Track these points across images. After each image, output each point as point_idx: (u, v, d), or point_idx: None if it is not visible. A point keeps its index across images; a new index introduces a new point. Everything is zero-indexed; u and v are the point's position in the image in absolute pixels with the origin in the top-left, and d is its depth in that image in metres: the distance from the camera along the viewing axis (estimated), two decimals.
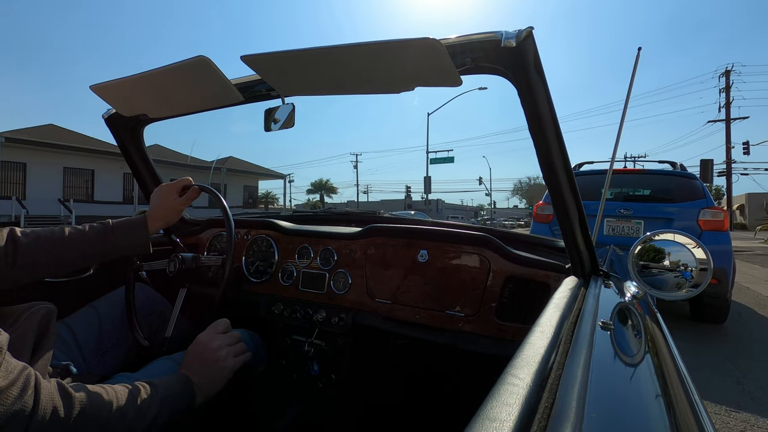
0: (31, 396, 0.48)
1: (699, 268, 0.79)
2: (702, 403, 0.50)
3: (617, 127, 1.12)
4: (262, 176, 25.85)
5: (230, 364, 0.80)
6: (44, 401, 0.49)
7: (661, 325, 0.80)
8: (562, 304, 0.60)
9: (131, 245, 0.89)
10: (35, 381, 0.50)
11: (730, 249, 3.30)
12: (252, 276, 1.30)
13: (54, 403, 0.51)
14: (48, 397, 0.50)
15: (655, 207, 3.65)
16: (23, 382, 0.48)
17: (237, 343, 0.84)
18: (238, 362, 0.82)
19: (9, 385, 0.46)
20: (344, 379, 1.15)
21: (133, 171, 1.29)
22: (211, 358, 0.78)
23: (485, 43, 0.61)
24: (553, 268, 0.96)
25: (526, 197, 46.09)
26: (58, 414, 0.50)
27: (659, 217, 3.55)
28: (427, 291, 1.07)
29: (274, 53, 0.68)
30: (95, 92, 0.92)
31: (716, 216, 3.33)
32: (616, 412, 0.38)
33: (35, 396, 0.49)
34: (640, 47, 1.11)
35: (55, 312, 0.68)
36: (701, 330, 3.45)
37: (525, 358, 0.39)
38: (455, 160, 20.27)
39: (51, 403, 0.50)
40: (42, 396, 0.49)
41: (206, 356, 0.78)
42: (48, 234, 0.80)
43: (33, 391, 0.49)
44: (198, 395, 0.72)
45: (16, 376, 0.48)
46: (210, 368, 0.77)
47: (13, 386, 0.47)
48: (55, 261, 0.80)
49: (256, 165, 24.91)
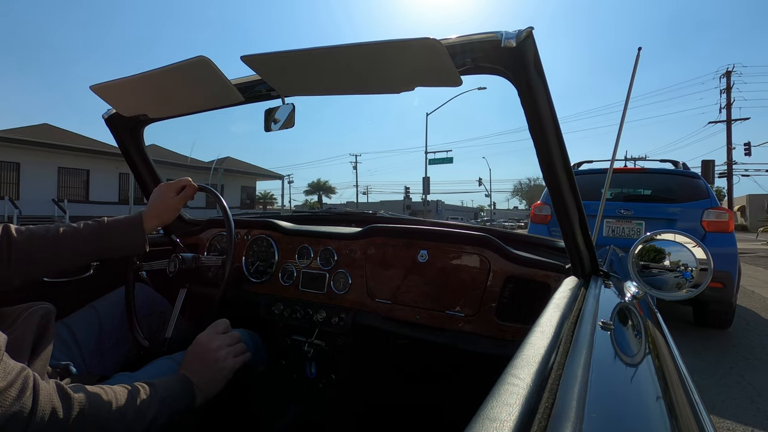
0: (29, 397, 0.48)
1: (699, 268, 0.79)
2: (702, 404, 0.50)
3: (617, 128, 1.12)
4: (260, 177, 25.71)
5: (230, 364, 0.80)
6: (43, 402, 0.49)
7: (662, 325, 0.80)
8: (563, 304, 0.60)
9: (128, 244, 0.88)
10: (34, 382, 0.50)
11: (736, 251, 3.09)
12: (252, 276, 1.30)
13: (53, 404, 0.51)
14: (47, 398, 0.50)
15: (657, 207, 3.51)
16: (22, 383, 0.48)
17: (237, 343, 0.84)
18: (237, 362, 0.82)
19: (7, 386, 0.46)
20: (344, 379, 1.15)
21: (133, 171, 1.29)
22: (211, 358, 0.78)
23: (485, 43, 0.61)
24: (553, 268, 0.96)
25: (526, 198, 46.01)
26: (57, 415, 0.50)
27: (661, 217, 3.41)
28: (427, 291, 1.07)
29: (274, 53, 0.68)
30: (95, 92, 0.92)
31: (721, 217, 3.18)
32: (617, 412, 0.38)
33: (34, 397, 0.49)
34: (640, 47, 1.11)
35: (53, 312, 0.68)
36: (710, 343, 3.20)
37: (525, 358, 0.39)
38: (455, 161, 20.32)
39: (50, 404, 0.50)
40: (41, 397, 0.49)
41: (206, 356, 0.78)
42: (42, 231, 0.79)
43: (32, 392, 0.49)
44: (198, 395, 0.72)
45: (14, 377, 0.48)
46: (210, 368, 0.77)
47: (11, 387, 0.47)
48: (50, 259, 0.79)
49: (253, 165, 24.73)
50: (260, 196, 31.77)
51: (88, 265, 1.22)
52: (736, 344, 3.17)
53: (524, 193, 45.51)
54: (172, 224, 1.46)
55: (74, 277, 1.18)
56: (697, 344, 3.13)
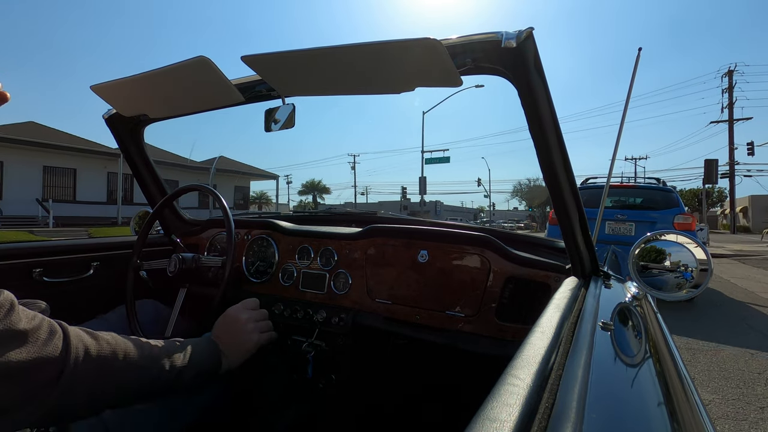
0: (60, 338, 0.49)
1: (699, 269, 0.79)
2: (702, 404, 0.50)
3: (617, 128, 1.12)
4: (254, 177, 25.18)
5: (255, 338, 0.83)
6: (74, 341, 0.50)
7: (662, 325, 0.80)
8: (563, 304, 0.60)
9: None
10: (60, 325, 0.51)
11: None
12: (252, 276, 1.31)
13: (85, 343, 0.52)
14: (77, 338, 0.51)
15: (643, 213, 4.79)
16: (49, 325, 0.49)
17: (265, 320, 0.88)
18: (263, 338, 0.85)
19: (35, 328, 0.47)
20: (344, 380, 1.15)
21: (134, 171, 1.29)
22: (239, 329, 0.81)
23: (485, 43, 0.61)
24: (554, 268, 0.96)
25: (526, 199, 45.82)
26: (90, 353, 0.51)
27: (646, 221, 4.61)
28: (427, 291, 1.07)
29: (275, 53, 0.68)
30: (95, 92, 0.92)
31: (686, 220, 4.54)
32: (617, 412, 0.38)
33: (64, 337, 0.49)
34: (640, 47, 1.11)
35: (48, 312, 0.68)
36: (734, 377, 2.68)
37: (525, 358, 0.39)
38: (455, 161, 20.28)
39: (82, 343, 0.51)
40: (71, 338, 0.50)
41: (234, 327, 0.82)
42: None
43: (61, 333, 0.49)
44: (223, 362, 0.76)
45: (40, 321, 0.48)
46: (236, 338, 0.80)
47: (39, 329, 0.47)
48: None
49: (247, 165, 24.08)
50: (255, 197, 31.49)
51: (88, 264, 1.22)
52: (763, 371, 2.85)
53: (524, 194, 45.36)
54: (172, 224, 1.46)
55: (74, 277, 1.18)
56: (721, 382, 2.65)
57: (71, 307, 0.96)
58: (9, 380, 0.42)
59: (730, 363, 2.88)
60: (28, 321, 0.46)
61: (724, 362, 2.89)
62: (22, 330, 0.45)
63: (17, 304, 0.47)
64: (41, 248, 1.14)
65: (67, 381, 0.48)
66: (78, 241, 1.24)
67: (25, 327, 0.45)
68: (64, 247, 1.19)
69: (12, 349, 0.43)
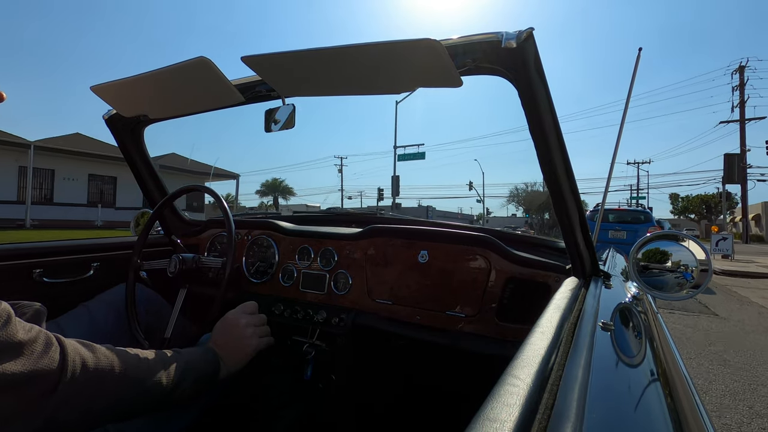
0: (56, 350, 0.48)
1: (700, 269, 0.79)
2: (702, 404, 0.50)
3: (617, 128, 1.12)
4: (213, 177, 20.33)
5: (254, 342, 0.82)
6: (71, 354, 0.49)
7: (662, 325, 0.80)
8: (563, 304, 0.60)
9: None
10: (56, 337, 0.50)
11: None
12: (252, 276, 1.30)
13: (82, 356, 0.51)
14: (74, 351, 0.50)
15: (631, 226, 7.64)
16: (45, 338, 0.48)
17: (263, 325, 0.87)
18: (261, 343, 0.84)
19: (32, 339, 0.46)
20: (344, 380, 1.15)
21: (134, 172, 1.29)
22: (237, 334, 0.81)
23: (486, 44, 0.61)
24: (554, 268, 0.96)
25: (524, 205, 45.19)
26: (87, 366, 0.51)
27: (632, 230, 7.46)
28: (427, 291, 1.07)
29: (275, 54, 0.68)
30: (95, 93, 0.92)
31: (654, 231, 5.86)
32: (617, 413, 0.38)
33: (61, 350, 0.49)
34: (640, 48, 1.11)
35: (44, 313, 0.67)
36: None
37: (525, 358, 0.39)
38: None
39: (79, 356, 0.50)
40: (68, 350, 0.49)
41: (233, 332, 0.81)
42: None
43: (58, 345, 0.49)
44: (222, 368, 0.75)
45: (36, 333, 0.47)
46: (235, 343, 0.80)
47: (36, 341, 0.46)
48: None
49: (204, 164, 19.37)
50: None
51: (88, 265, 1.22)
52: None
53: (521, 199, 44.73)
54: (172, 224, 1.46)
55: (75, 278, 1.18)
56: None
57: (71, 308, 0.96)
58: (5, 392, 0.42)
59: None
60: (25, 332, 0.45)
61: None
62: (18, 341, 0.44)
63: (14, 315, 0.46)
64: (41, 249, 1.14)
65: (63, 393, 0.47)
66: (78, 242, 1.24)
67: (21, 338, 0.45)
68: (65, 248, 1.18)
69: (8, 361, 0.42)
